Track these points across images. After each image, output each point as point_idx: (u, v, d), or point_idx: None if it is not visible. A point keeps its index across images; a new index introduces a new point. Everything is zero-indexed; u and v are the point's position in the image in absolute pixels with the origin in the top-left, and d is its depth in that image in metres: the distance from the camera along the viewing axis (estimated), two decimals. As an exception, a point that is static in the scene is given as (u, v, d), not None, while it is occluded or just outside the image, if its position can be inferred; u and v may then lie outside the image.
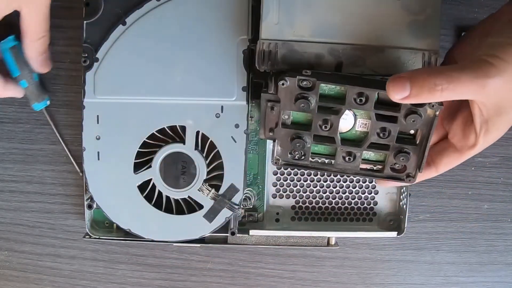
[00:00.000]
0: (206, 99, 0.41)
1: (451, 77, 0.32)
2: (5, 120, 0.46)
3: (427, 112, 0.36)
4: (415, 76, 0.33)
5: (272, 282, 0.50)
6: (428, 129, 0.37)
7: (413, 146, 0.38)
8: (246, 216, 0.45)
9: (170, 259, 0.49)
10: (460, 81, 0.32)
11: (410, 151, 0.38)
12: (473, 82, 0.32)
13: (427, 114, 0.36)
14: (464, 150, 0.37)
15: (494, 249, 0.50)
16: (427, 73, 0.33)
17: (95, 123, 0.41)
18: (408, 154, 0.38)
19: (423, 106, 0.36)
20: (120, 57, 0.40)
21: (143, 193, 0.42)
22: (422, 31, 0.37)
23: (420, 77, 0.33)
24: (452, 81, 0.32)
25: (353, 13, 0.37)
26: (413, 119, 0.36)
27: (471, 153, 0.37)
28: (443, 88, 0.32)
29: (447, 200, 0.49)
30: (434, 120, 0.36)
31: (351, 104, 0.36)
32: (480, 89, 0.32)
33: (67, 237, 0.48)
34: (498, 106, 0.34)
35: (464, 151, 0.37)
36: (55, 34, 0.44)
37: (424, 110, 0.36)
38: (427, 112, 0.36)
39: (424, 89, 0.32)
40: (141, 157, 0.42)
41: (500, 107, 0.34)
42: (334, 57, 0.37)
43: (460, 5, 0.45)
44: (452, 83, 0.32)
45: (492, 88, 0.32)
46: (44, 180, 0.47)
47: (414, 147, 0.38)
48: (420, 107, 0.36)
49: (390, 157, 0.39)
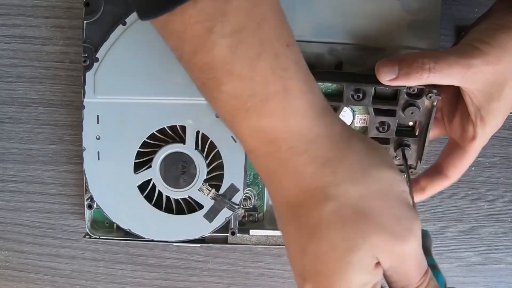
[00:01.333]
0: (206, 99, 0.41)
1: (438, 58, 0.33)
2: (5, 120, 0.46)
3: (425, 104, 0.36)
4: (403, 57, 0.34)
5: (272, 282, 0.50)
6: (427, 120, 0.37)
7: (413, 138, 0.38)
8: (246, 216, 0.45)
9: (170, 259, 0.49)
10: (446, 61, 0.33)
11: (410, 143, 0.38)
12: (458, 63, 0.33)
13: (425, 106, 0.36)
14: (466, 144, 0.37)
15: (494, 249, 0.50)
16: (416, 54, 0.34)
17: (95, 123, 0.41)
18: (409, 146, 0.38)
19: (420, 97, 0.36)
20: (120, 57, 0.40)
21: (143, 193, 0.42)
22: (422, 31, 0.37)
23: (409, 57, 0.34)
24: (439, 61, 0.33)
25: (353, 13, 0.37)
26: (411, 111, 0.36)
27: (474, 147, 0.37)
28: (430, 68, 0.33)
29: (447, 200, 0.49)
30: (433, 111, 0.36)
31: (349, 100, 0.36)
32: (465, 71, 0.33)
33: (67, 237, 0.48)
34: (487, 92, 0.34)
35: (466, 145, 0.37)
36: (55, 34, 0.44)
37: (422, 101, 0.36)
38: (425, 103, 0.36)
39: (412, 69, 0.33)
40: (141, 157, 0.42)
41: (489, 93, 0.34)
42: (334, 57, 0.37)
43: (460, 5, 0.45)
44: (439, 63, 0.33)
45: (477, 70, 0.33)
46: (44, 180, 0.47)
47: (414, 139, 0.38)
48: (417, 99, 0.36)
49: (390, 150, 0.39)
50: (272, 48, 0.26)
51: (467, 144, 0.37)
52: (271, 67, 0.26)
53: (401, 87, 0.36)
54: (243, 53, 0.26)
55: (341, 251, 0.28)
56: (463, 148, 0.37)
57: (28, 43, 0.44)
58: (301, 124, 0.27)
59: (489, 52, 0.33)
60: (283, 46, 0.27)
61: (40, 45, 0.44)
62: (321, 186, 0.28)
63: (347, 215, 0.28)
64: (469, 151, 0.37)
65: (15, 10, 0.43)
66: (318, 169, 0.28)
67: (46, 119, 0.46)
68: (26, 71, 0.45)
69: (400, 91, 0.36)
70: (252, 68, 0.26)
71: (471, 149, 0.37)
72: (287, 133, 0.27)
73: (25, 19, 0.43)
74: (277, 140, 0.28)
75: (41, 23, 0.44)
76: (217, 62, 0.26)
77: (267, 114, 0.27)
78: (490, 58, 0.33)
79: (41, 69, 0.45)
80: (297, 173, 0.28)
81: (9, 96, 0.45)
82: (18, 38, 0.44)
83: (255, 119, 0.27)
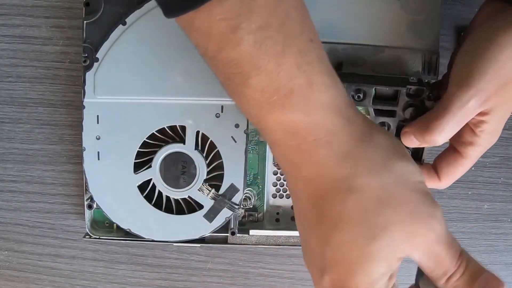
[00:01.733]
0: (206, 99, 0.41)
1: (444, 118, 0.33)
2: (5, 120, 0.46)
3: (425, 105, 0.36)
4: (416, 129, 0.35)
5: (272, 282, 0.50)
6: None
7: None
8: (246, 216, 0.45)
9: (170, 259, 0.49)
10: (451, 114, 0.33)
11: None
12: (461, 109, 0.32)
13: (426, 106, 0.36)
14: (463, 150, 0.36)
15: (494, 249, 0.50)
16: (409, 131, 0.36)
17: (95, 123, 0.41)
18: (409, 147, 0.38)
19: (420, 97, 0.36)
20: (120, 57, 0.40)
21: (143, 193, 0.42)
22: (422, 31, 0.37)
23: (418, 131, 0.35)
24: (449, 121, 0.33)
25: (353, 13, 0.37)
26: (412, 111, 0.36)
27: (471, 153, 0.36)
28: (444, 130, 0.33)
29: (447, 200, 0.49)
30: None
31: None
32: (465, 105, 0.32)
33: (67, 237, 0.48)
34: None
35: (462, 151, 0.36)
36: (55, 34, 0.44)
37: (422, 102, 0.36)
38: (425, 104, 0.36)
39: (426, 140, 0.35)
40: (141, 157, 0.42)
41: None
42: (334, 57, 0.37)
43: (460, 5, 0.45)
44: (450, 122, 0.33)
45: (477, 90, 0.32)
46: (44, 180, 0.47)
47: None
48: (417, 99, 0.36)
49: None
50: (296, 43, 0.27)
51: (463, 149, 0.36)
52: (296, 62, 0.27)
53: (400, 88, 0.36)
54: (269, 49, 0.26)
55: (363, 242, 0.28)
56: (460, 153, 0.37)
57: (28, 43, 0.44)
58: (325, 117, 0.28)
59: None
60: (306, 41, 0.27)
61: (40, 45, 0.44)
62: (343, 178, 0.29)
63: (368, 206, 0.28)
64: (465, 157, 0.37)
65: (15, 10, 0.43)
66: (340, 161, 0.29)
67: (46, 119, 0.46)
68: (26, 71, 0.45)
69: (400, 91, 0.36)
70: (278, 63, 0.26)
71: (467, 155, 0.36)
72: (310, 125, 0.28)
73: (25, 19, 0.43)
74: (300, 133, 0.28)
75: (41, 23, 0.44)
76: (243, 57, 0.26)
77: (291, 107, 0.27)
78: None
79: (41, 69, 0.45)
80: (319, 165, 0.29)
81: (9, 96, 0.45)
82: (18, 38, 0.44)
83: (279, 113, 0.28)
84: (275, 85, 0.27)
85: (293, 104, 0.27)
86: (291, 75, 0.27)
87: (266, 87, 0.27)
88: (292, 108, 0.27)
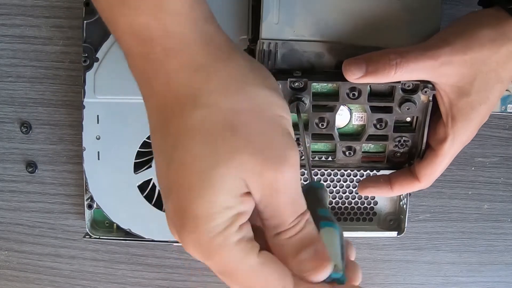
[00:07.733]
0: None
1: (405, 52, 0.34)
2: (5, 120, 0.46)
3: (421, 99, 0.36)
4: (371, 55, 0.34)
5: (272, 282, 0.50)
6: (424, 115, 0.37)
7: (411, 133, 0.38)
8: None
9: (170, 259, 0.49)
10: (413, 54, 0.33)
11: (409, 138, 0.38)
12: (425, 55, 0.33)
13: (421, 101, 0.37)
14: (437, 147, 0.36)
15: (494, 249, 0.50)
16: (383, 51, 0.34)
17: (95, 123, 0.41)
18: (407, 141, 0.38)
19: (416, 92, 0.36)
20: (120, 57, 0.40)
21: (143, 193, 0.42)
22: (422, 31, 0.37)
23: (376, 55, 0.34)
24: (406, 55, 0.33)
25: (353, 13, 0.37)
26: (408, 107, 0.37)
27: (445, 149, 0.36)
28: (397, 63, 0.33)
29: (447, 200, 0.49)
30: (429, 105, 0.37)
31: (345, 99, 0.36)
32: (433, 62, 0.33)
33: (67, 237, 0.48)
34: (457, 88, 0.34)
35: (436, 147, 0.36)
36: (55, 34, 0.44)
37: (417, 97, 0.36)
38: (421, 98, 0.36)
39: (380, 65, 0.34)
40: (141, 157, 0.42)
41: (460, 87, 0.34)
42: (334, 57, 0.37)
43: (460, 5, 0.45)
44: (406, 57, 0.33)
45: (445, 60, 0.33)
46: (44, 180, 0.47)
47: (412, 134, 0.38)
48: (413, 94, 0.36)
49: (390, 147, 0.39)
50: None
51: (437, 146, 0.36)
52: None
53: (395, 83, 0.36)
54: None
55: (205, 165, 0.26)
56: (434, 150, 0.36)
57: (28, 43, 0.44)
58: (176, 25, 0.26)
59: (456, 41, 0.33)
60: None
61: (40, 45, 0.44)
62: (191, 93, 0.27)
63: (215, 127, 0.26)
64: (440, 154, 0.36)
65: (15, 10, 0.43)
66: (190, 75, 0.27)
67: (46, 119, 0.46)
68: (26, 71, 0.45)
69: (395, 87, 0.36)
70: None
71: (442, 152, 0.36)
72: (160, 32, 0.26)
73: (25, 19, 0.43)
74: (151, 40, 0.26)
75: (41, 23, 0.44)
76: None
77: (143, 10, 0.26)
78: (457, 47, 0.33)
79: (41, 69, 0.45)
80: (168, 77, 0.27)
81: (9, 96, 0.45)
82: (18, 38, 0.44)
83: (131, 16, 0.26)
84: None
85: (143, 8, 0.25)
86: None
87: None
88: (142, 12, 0.26)
